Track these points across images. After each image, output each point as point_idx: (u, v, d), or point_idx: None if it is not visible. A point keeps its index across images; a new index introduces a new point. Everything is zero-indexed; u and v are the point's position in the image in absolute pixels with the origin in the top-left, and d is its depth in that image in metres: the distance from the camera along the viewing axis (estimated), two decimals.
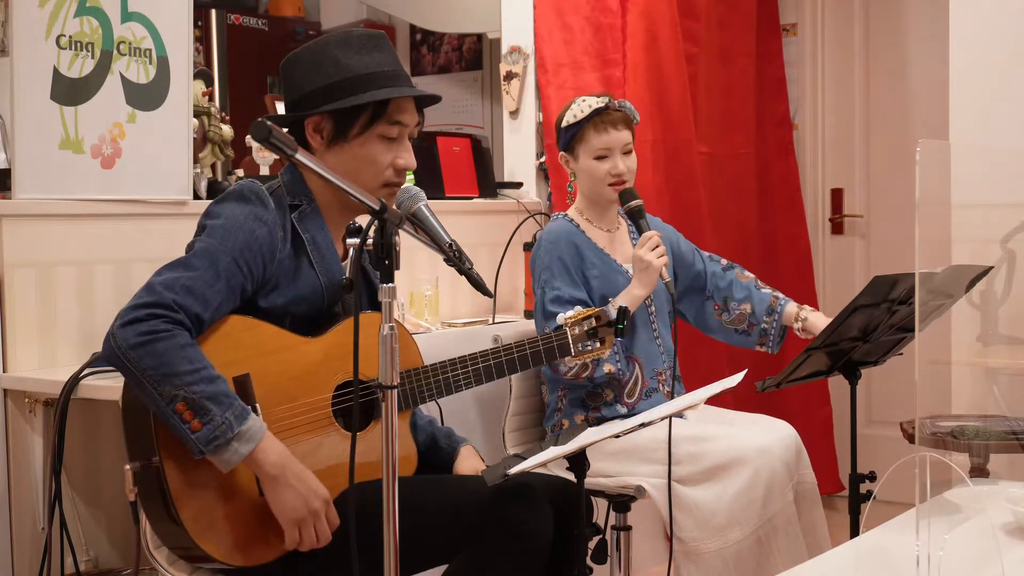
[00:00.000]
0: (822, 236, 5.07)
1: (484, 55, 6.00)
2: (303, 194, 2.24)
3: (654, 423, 2.26)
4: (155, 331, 1.95)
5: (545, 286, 2.98)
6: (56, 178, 2.86)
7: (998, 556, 1.96)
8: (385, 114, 2.21)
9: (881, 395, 4.74)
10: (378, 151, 2.21)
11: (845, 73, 5.02)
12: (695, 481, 2.82)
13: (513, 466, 2.05)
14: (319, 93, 2.20)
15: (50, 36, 2.83)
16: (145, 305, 1.98)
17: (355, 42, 2.23)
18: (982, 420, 3.20)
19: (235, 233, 2.10)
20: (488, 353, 2.34)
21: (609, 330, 2.45)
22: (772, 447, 2.86)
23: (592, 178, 3.05)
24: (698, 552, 2.77)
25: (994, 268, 3.10)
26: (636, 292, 2.97)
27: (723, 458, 2.82)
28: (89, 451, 2.88)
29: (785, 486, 2.86)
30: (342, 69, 2.20)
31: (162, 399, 1.95)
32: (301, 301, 2.18)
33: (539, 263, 3.03)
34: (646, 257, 2.94)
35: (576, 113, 3.03)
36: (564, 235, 3.05)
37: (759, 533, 2.80)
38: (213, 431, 1.95)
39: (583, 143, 3.04)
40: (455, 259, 2.17)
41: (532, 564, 2.14)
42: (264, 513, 2.07)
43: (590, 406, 3.01)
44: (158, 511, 2.06)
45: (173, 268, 2.05)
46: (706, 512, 2.78)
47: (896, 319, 2.71)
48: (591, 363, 2.89)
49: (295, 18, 5.99)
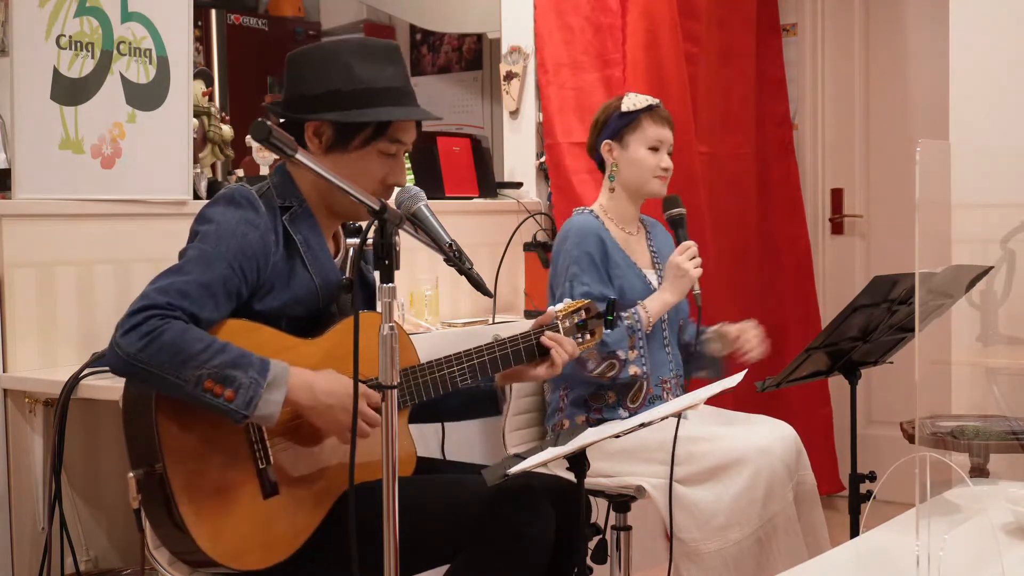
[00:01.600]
0: (822, 236, 5.07)
1: (484, 55, 6.00)
2: (293, 195, 2.24)
3: (654, 423, 2.26)
4: (154, 328, 1.96)
5: (573, 280, 2.95)
6: (56, 178, 2.86)
7: (998, 556, 1.96)
8: (387, 132, 2.22)
9: (881, 395, 4.74)
10: (375, 166, 2.22)
11: (845, 73, 5.02)
12: (695, 481, 2.82)
13: (513, 466, 2.05)
14: (325, 98, 2.20)
15: (50, 36, 2.83)
16: (140, 310, 1.98)
17: (370, 53, 2.23)
18: (982, 420, 3.21)
19: (228, 239, 2.09)
20: (483, 349, 2.33)
21: (599, 322, 2.45)
22: (772, 447, 2.86)
23: (641, 168, 3.06)
24: (698, 552, 2.76)
25: (994, 268, 3.10)
26: (668, 298, 2.99)
27: (723, 458, 2.81)
28: (89, 451, 2.88)
29: (785, 486, 2.86)
30: (353, 79, 2.19)
31: (188, 384, 1.95)
32: (296, 303, 2.18)
33: (566, 256, 2.99)
34: (684, 265, 2.97)
35: (636, 102, 3.05)
36: (593, 230, 3.02)
37: (759, 533, 2.80)
38: (247, 394, 1.97)
39: (638, 132, 3.05)
40: (455, 259, 2.17)
41: (532, 564, 2.14)
42: (268, 518, 2.08)
43: (592, 407, 3.01)
44: (162, 517, 2.05)
45: (167, 275, 2.05)
46: (706, 512, 2.78)
47: (896, 319, 2.71)
48: (618, 362, 2.90)
49: (295, 18, 5.99)
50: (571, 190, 4.08)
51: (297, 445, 2.15)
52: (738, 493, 2.78)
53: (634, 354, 2.92)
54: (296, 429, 2.13)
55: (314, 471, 2.15)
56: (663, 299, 2.98)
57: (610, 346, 2.87)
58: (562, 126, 4.15)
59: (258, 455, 2.09)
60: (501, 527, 2.11)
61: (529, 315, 3.88)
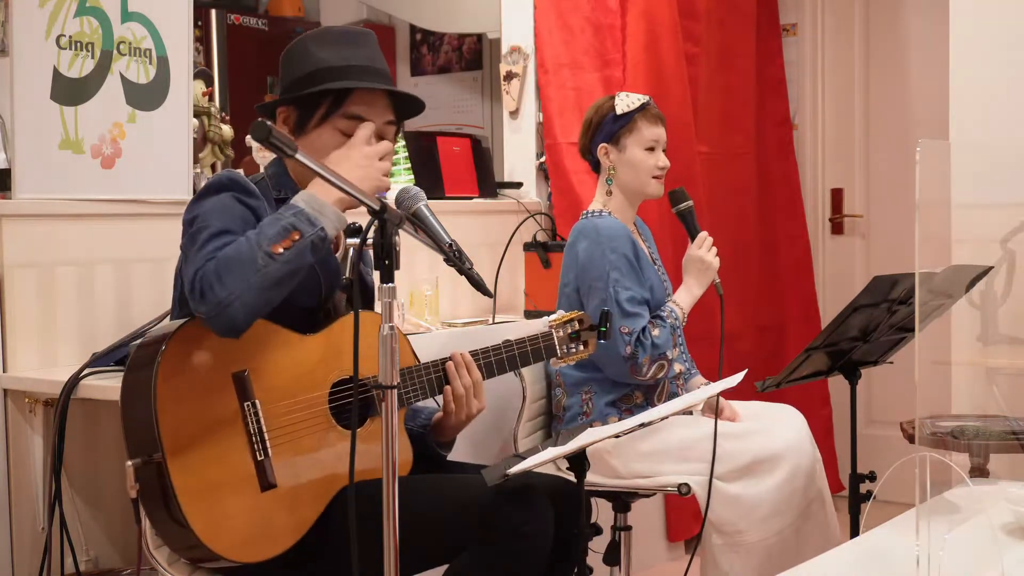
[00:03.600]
0: (822, 236, 5.07)
1: (484, 55, 6.00)
2: (289, 187, 2.25)
3: (654, 423, 2.26)
4: (208, 272, 1.97)
5: (616, 285, 2.92)
6: (56, 178, 2.86)
7: (998, 556, 1.96)
8: (343, 107, 2.21)
9: (881, 395, 4.74)
10: (331, 145, 2.20)
11: (845, 73, 5.02)
12: (733, 478, 2.86)
13: (513, 466, 2.05)
14: (291, 87, 2.25)
15: (50, 36, 2.83)
16: (192, 283, 1.99)
17: (331, 37, 2.27)
18: (982, 420, 3.21)
19: (229, 211, 2.11)
20: (479, 353, 2.35)
21: (591, 333, 2.49)
22: (802, 440, 2.97)
23: (639, 169, 3.05)
24: (743, 544, 2.82)
25: (994, 268, 3.10)
26: (696, 291, 3.03)
27: (759, 455, 2.87)
28: (89, 451, 2.88)
29: (816, 474, 2.96)
30: (313, 62, 2.23)
31: (276, 261, 1.97)
32: (301, 292, 2.17)
33: (602, 261, 2.94)
34: (706, 258, 3.01)
35: (629, 103, 3.05)
36: (625, 233, 3.00)
37: (797, 523, 2.89)
38: (305, 230, 2.00)
39: (634, 133, 3.05)
40: (455, 259, 2.16)
41: (532, 564, 2.14)
42: (266, 511, 2.08)
43: (622, 408, 3.02)
44: (159, 507, 2.05)
45: (189, 261, 2.04)
46: (749, 504, 2.83)
47: (896, 319, 2.71)
48: (667, 362, 2.94)
49: (295, 18, 5.99)
50: (571, 190, 4.08)
51: (296, 439, 2.14)
52: (779, 484, 2.86)
53: (676, 352, 2.98)
54: (295, 423, 2.13)
55: (312, 465, 2.15)
56: (692, 293, 3.03)
57: (661, 348, 2.92)
58: (562, 126, 4.15)
59: (256, 447, 2.08)
60: (501, 527, 2.11)
61: (529, 315, 3.88)
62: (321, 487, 2.16)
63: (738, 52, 4.63)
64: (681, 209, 3.06)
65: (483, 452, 3.41)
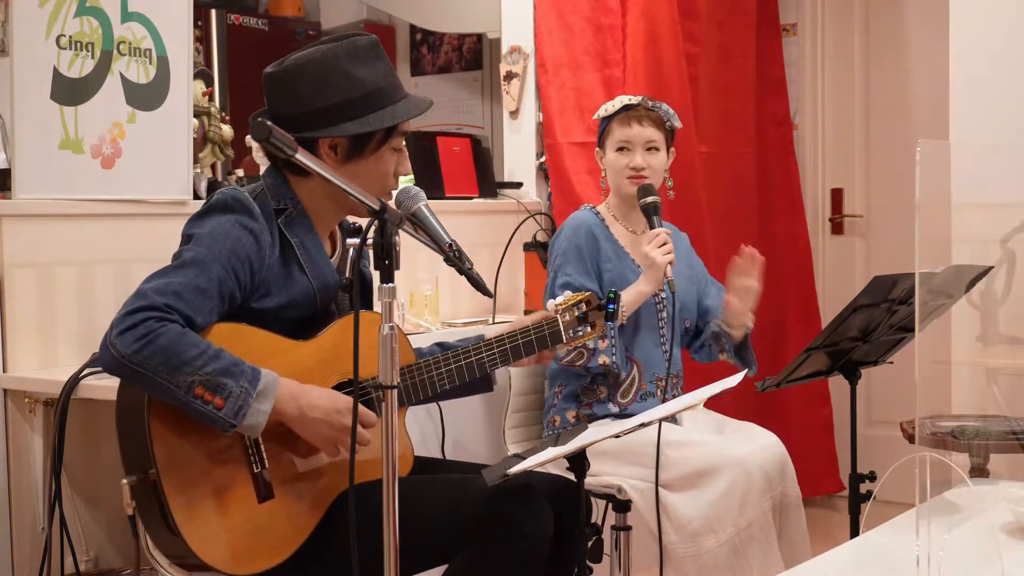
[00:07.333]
0: (822, 236, 5.07)
1: (484, 55, 6.00)
2: (287, 197, 2.23)
3: (654, 423, 2.26)
4: (152, 330, 1.95)
5: (558, 271, 3.01)
6: (56, 178, 2.86)
7: (998, 556, 1.96)
8: (397, 129, 2.24)
9: (881, 395, 4.74)
10: (389, 164, 2.26)
11: (845, 73, 5.02)
12: (674, 487, 2.82)
13: (513, 466, 2.05)
14: (333, 111, 2.19)
15: (50, 36, 2.83)
16: (138, 310, 1.97)
17: (362, 53, 2.23)
18: (982, 420, 3.21)
19: (222, 241, 2.09)
20: (481, 346, 2.33)
21: (600, 314, 2.41)
22: (750, 458, 2.83)
23: (613, 170, 3.09)
24: (676, 556, 2.78)
25: (994, 268, 3.10)
26: (641, 288, 2.97)
27: (700, 465, 2.81)
28: (89, 451, 2.88)
29: (763, 496, 2.83)
30: (356, 85, 2.19)
31: (179, 389, 1.95)
32: (293, 306, 2.18)
33: (556, 247, 3.06)
34: (651, 254, 2.93)
35: (608, 108, 3.09)
36: (585, 224, 3.06)
37: (735, 542, 2.79)
38: (236, 402, 1.97)
39: (608, 136, 3.09)
40: (455, 259, 2.16)
41: (532, 564, 2.14)
42: (264, 522, 2.07)
43: (583, 402, 3.02)
44: (156, 523, 2.05)
45: (162, 275, 2.05)
46: (682, 517, 2.78)
47: (896, 319, 2.71)
48: (587, 351, 2.88)
49: (295, 18, 5.99)
50: (571, 190, 4.08)
51: (292, 448, 2.14)
52: (713, 500, 2.77)
53: (604, 343, 2.91)
54: (291, 432, 2.13)
55: (309, 473, 2.15)
56: (637, 290, 2.97)
57: None
58: (562, 126, 4.15)
59: (252, 459, 2.08)
60: (500, 527, 2.11)
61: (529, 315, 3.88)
62: (320, 494, 2.16)
63: (738, 52, 4.63)
64: (646, 203, 3.01)
65: (473, 449, 3.42)
